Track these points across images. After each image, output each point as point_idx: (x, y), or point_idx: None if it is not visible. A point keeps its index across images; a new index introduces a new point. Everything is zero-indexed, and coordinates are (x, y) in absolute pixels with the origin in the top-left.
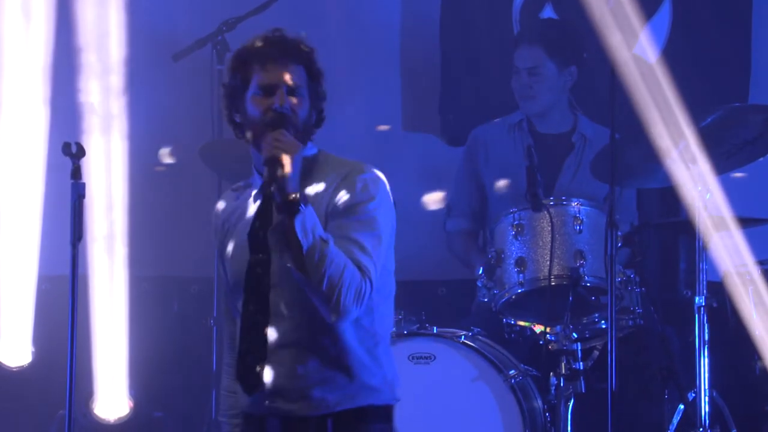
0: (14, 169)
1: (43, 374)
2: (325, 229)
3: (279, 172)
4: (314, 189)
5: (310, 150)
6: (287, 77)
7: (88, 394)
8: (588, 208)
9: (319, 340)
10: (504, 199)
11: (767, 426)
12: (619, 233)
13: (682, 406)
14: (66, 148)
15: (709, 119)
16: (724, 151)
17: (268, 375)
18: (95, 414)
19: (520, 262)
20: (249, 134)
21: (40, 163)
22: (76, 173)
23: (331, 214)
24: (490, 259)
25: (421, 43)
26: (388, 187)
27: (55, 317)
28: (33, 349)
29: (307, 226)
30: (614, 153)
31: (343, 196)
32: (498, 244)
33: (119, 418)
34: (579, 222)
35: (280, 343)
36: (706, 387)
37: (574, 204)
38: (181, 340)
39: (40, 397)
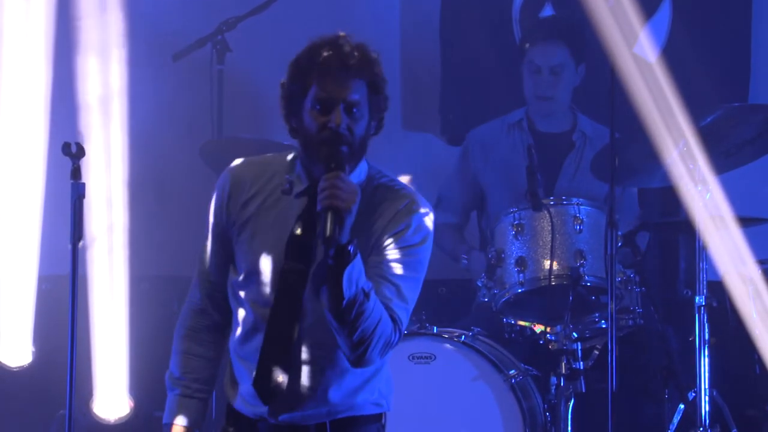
0: (14, 169)
1: (43, 374)
2: (367, 263)
3: (335, 227)
4: (362, 217)
5: (362, 169)
6: (345, 95)
7: (88, 393)
8: (588, 207)
9: (335, 358)
10: (504, 199)
11: (767, 425)
12: (619, 233)
13: (682, 406)
14: (66, 148)
15: (709, 119)
16: (723, 151)
17: (288, 382)
18: (95, 414)
19: (520, 262)
20: (302, 142)
21: (40, 163)
22: (76, 173)
23: (378, 248)
24: (490, 259)
25: (421, 43)
26: (433, 219)
27: (56, 317)
28: (33, 349)
29: (353, 277)
30: (614, 152)
31: (394, 234)
32: (498, 243)
33: (119, 418)
34: (579, 222)
35: (299, 359)
36: (707, 386)
37: (574, 203)
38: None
39: (40, 396)
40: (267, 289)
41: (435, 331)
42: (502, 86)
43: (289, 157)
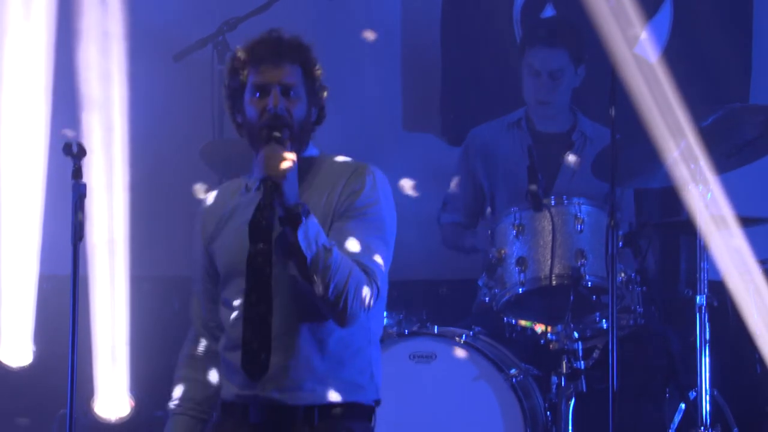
0: (15, 169)
1: (43, 374)
2: (330, 229)
3: (275, 191)
4: (318, 191)
5: (311, 151)
6: (280, 77)
7: (89, 393)
8: (589, 207)
9: (316, 333)
10: (504, 199)
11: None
12: (621, 232)
13: (683, 406)
14: (67, 148)
15: (710, 119)
16: (724, 151)
17: (271, 361)
18: (96, 413)
19: (521, 262)
20: (248, 135)
21: (40, 163)
22: (77, 173)
23: (338, 216)
24: (491, 259)
25: (421, 43)
26: (389, 185)
27: (56, 317)
28: (34, 349)
29: (310, 236)
30: (615, 153)
31: (349, 198)
32: (499, 243)
33: (120, 418)
34: (580, 221)
35: (278, 333)
36: (707, 386)
37: (575, 203)
38: (181, 340)
39: (41, 396)
40: (242, 280)
41: (436, 330)
42: (503, 86)
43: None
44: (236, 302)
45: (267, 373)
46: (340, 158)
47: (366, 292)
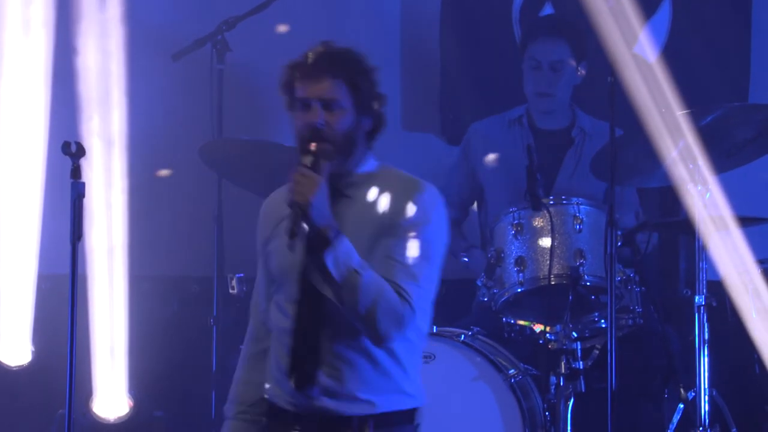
0: (14, 169)
1: (42, 373)
2: (376, 245)
3: (296, 220)
4: (369, 206)
5: (369, 164)
6: (321, 92)
7: (87, 393)
8: (588, 207)
9: (367, 345)
10: (503, 197)
11: (767, 425)
12: (619, 232)
13: (681, 406)
14: (66, 148)
15: (709, 118)
16: (723, 150)
17: (320, 374)
18: (95, 413)
19: (519, 262)
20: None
21: (39, 163)
22: (76, 172)
23: (385, 233)
24: (490, 259)
25: (421, 43)
26: (443, 204)
27: (55, 316)
28: (33, 349)
29: (340, 259)
30: (614, 152)
31: (396, 216)
32: (498, 243)
33: (119, 418)
34: (579, 221)
35: (329, 345)
36: (706, 386)
37: (573, 203)
38: (181, 340)
39: (40, 396)
40: (294, 287)
41: (435, 330)
42: (502, 86)
43: None
44: (290, 308)
45: (313, 385)
46: (397, 173)
47: (397, 313)
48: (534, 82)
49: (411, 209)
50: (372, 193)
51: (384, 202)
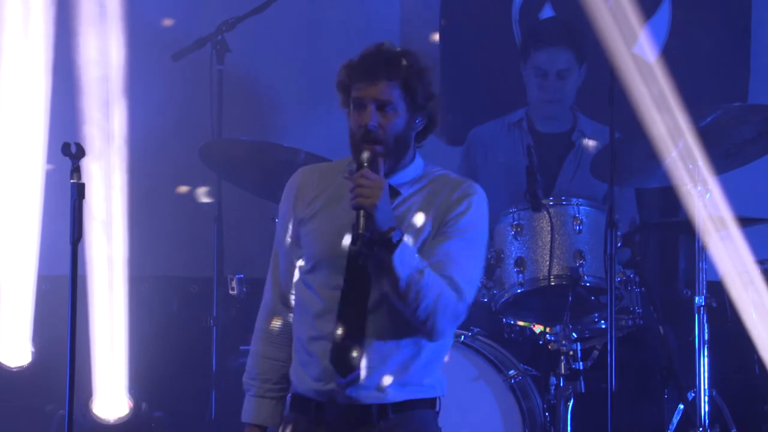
0: (14, 169)
1: (42, 374)
2: (428, 245)
3: (364, 223)
4: (420, 208)
5: (417, 166)
6: (375, 94)
7: (87, 394)
8: (587, 208)
9: (402, 337)
10: (504, 199)
11: (767, 425)
12: (619, 233)
13: (681, 406)
14: (65, 149)
15: (709, 119)
16: (723, 151)
17: (359, 359)
18: (95, 414)
19: (519, 262)
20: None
21: (39, 163)
22: (76, 173)
23: (438, 233)
24: (490, 259)
25: (420, 44)
26: (487, 201)
27: (55, 317)
28: (32, 349)
29: (405, 259)
30: (614, 152)
31: (450, 217)
32: (497, 244)
33: (119, 418)
34: (578, 222)
35: (370, 334)
36: (706, 387)
37: (573, 204)
38: (181, 340)
39: (40, 397)
40: (336, 273)
41: None
42: (502, 86)
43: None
44: (326, 293)
45: (355, 370)
46: (445, 174)
47: (455, 310)
48: (540, 90)
49: (465, 210)
50: (423, 195)
51: (437, 204)
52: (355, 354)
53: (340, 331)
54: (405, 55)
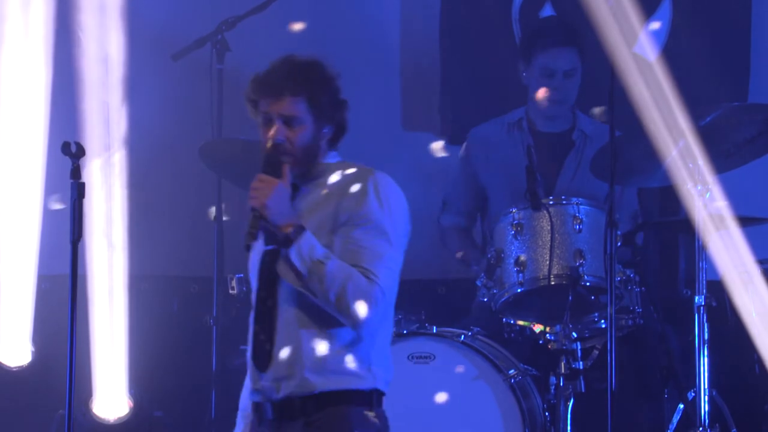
0: (14, 169)
1: (42, 374)
2: (336, 235)
3: (259, 219)
4: (327, 197)
5: (330, 158)
6: (280, 109)
7: (87, 393)
8: (587, 207)
9: (319, 330)
10: (504, 199)
11: (767, 425)
12: (619, 232)
13: (681, 406)
14: (65, 148)
15: (709, 118)
16: (723, 150)
17: (275, 353)
18: (95, 413)
19: (519, 262)
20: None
21: (39, 163)
22: (76, 173)
23: (342, 223)
24: (490, 259)
25: (421, 43)
26: (398, 189)
27: (55, 317)
28: (32, 349)
29: (304, 253)
30: (614, 152)
31: (351, 205)
32: (497, 243)
33: (119, 418)
34: (578, 221)
35: (281, 327)
36: (706, 386)
37: (573, 203)
38: (181, 340)
39: (40, 396)
40: (255, 276)
41: (434, 330)
42: (502, 86)
43: None
44: (253, 297)
45: (271, 365)
46: (351, 165)
47: (368, 294)
48: (547, 90)
49: (363, 198)
50: (331, 186)
51: (341, 194)
52: (269, 349)
53: (256, 329)
54: (310, 67)
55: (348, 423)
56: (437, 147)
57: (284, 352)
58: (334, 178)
